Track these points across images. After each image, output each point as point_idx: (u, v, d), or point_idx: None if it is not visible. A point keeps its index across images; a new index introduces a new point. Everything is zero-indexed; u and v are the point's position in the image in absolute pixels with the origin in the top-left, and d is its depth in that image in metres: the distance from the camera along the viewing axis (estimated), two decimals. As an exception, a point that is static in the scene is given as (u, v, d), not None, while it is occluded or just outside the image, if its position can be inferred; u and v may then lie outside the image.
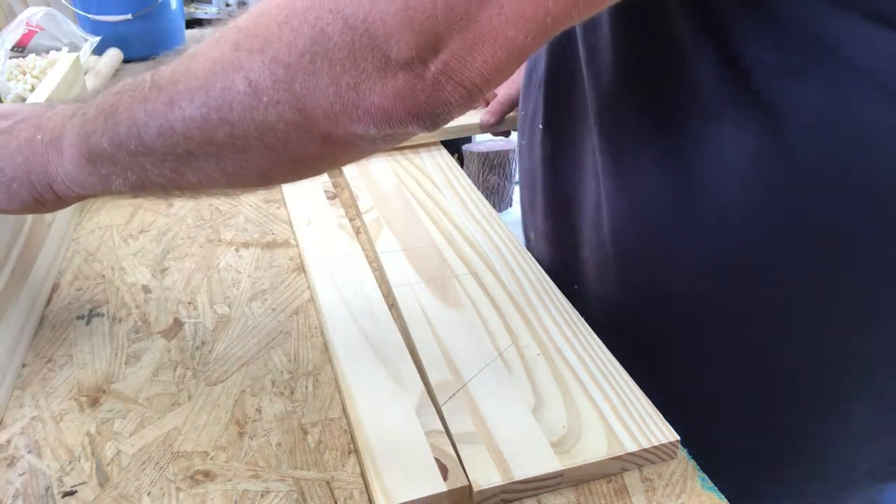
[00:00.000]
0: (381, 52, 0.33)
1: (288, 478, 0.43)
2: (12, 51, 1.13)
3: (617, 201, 0.54)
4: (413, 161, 0.81)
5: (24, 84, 1.04)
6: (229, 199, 0.76)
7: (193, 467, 0.44)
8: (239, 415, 0.48)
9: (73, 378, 0.51)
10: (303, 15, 0.34)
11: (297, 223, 0.69)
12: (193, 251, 0.67)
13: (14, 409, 0.49)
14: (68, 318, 0.58)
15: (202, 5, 2.38)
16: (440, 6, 0.32)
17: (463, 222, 0.68)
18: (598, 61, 0.53)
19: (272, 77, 0.35)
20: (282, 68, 0.34)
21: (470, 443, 0.44)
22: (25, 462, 0.45)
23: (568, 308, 0.56)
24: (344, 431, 0.47)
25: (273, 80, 0.35)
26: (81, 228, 0.71)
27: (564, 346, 0.52)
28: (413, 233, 0.67)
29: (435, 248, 0.64)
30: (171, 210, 0.74)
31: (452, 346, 0.52)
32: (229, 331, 0.56)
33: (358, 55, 0.33)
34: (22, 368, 0.52)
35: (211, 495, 0.42)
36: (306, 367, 0.52)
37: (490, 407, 0.46)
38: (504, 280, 0.60)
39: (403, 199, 0.73)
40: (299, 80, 0.34)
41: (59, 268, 0.63)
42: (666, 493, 0.42)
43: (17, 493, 0.42)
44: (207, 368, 0.52)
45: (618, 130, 0.53)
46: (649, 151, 0.51)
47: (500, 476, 0.41)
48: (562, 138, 0.62)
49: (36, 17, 1.14)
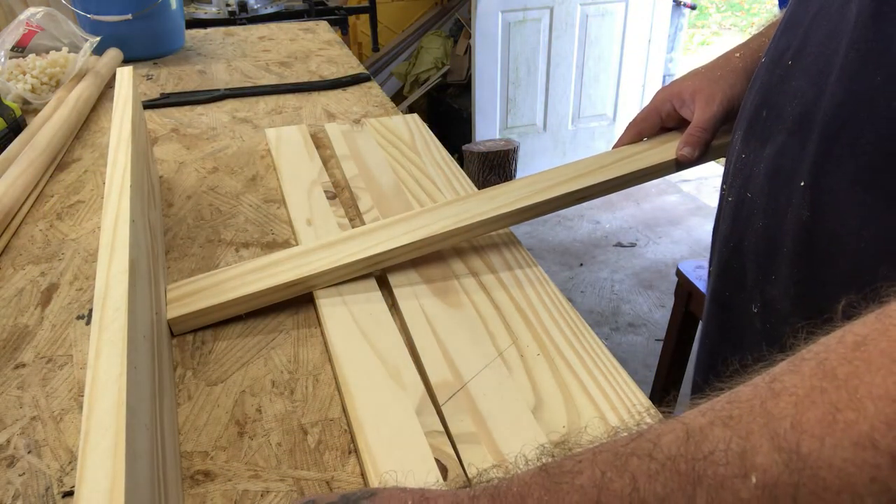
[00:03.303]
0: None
1: (288, 478, 0.43)
2: (12, 51, 1.13)
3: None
4: (413, 161, 0.81)
5: (24, 84, 1.04)
6: (229, 199, 0.76)
7: (193, 467, 0.44)
8: (239, 415, 0.48)
9: (73, 378, 0.51)
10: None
11: (297, 223, 0.69)
12: (193, 251, 0.67)
13: (14, 408, 0.49)
14: (68, 318, 0.58)
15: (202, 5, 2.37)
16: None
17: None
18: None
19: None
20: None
21: (470, 443, 0.44)
22: (25, 462, 0.45)
23: (568, 308, 0.56)
24: (344, 431, 0.47)
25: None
26: (81, 228, 0.71)
27: (564, 346, 0.52)
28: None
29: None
30: (171, 210, 0.74)
31: (452, 346, 0.52)
32: (229, 331, 0.56)
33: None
34: (22, 368, 0.52)
35: (211, 495, 0.42)
36: (306, 367, 0.52)
37: (490, 407, 0.46)
38: (504, 280, 0.60)
39: (403, 199, 0.73)
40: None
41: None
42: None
43: (17, 493, 0.42)
44: (207, 368, 0.52)
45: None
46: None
47: (501, 476, 0.41)
48: (832, 203, 0.44)
49: (36, 17, 1.14)
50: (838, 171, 0.43)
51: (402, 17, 3.37)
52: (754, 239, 0.52)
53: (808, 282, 0.47)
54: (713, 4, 5.19)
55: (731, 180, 0.55)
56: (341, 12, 2.55)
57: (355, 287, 0.59)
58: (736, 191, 0.54)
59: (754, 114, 0.53)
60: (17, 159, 0.80)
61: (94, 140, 0.94)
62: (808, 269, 0.47)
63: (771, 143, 0.50)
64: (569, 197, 0.65)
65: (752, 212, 0.52)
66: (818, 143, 0.45)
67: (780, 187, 0.48)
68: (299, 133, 0.89)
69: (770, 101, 0.51)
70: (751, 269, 0.53)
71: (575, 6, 2.82)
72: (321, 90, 1.12)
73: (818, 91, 0.45)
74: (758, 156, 0.51)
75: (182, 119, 1.00)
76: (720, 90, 0.66)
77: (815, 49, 0.47)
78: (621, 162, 0.68)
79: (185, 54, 1.32)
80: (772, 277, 0.50)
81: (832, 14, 0.46)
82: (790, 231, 0.47)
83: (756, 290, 0.52)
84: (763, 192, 0.50)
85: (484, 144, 2.57)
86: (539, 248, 2.58)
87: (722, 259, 0.57)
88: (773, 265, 0.50)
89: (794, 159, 0.47)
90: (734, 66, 0.66)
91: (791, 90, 0.48)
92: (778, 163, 0.49)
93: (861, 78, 0.42)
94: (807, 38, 0.48)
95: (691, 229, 2.68)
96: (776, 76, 0.50)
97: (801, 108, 0.47)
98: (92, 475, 0.29)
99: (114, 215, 0.49)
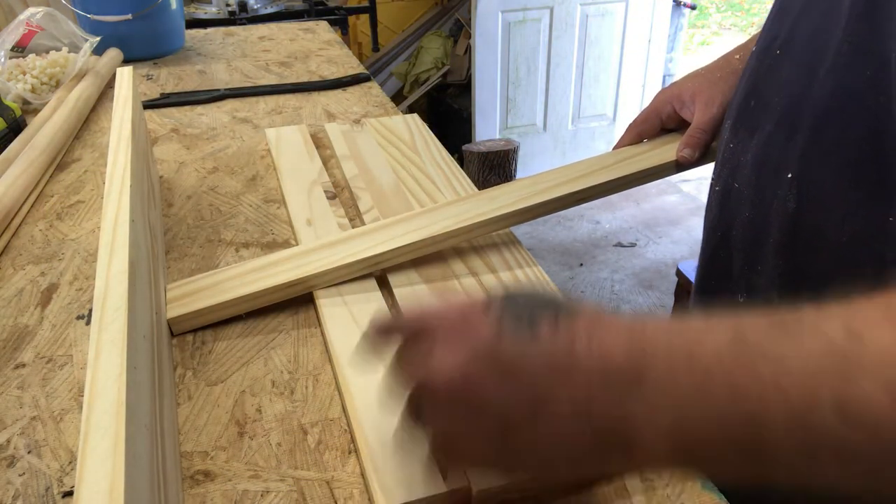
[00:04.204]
0: None
1: (288, 478, 0.43)
2: (12, 51, 1.13)
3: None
4: (413, 161, 0.81)
5: (24, 84, 1.04)
6: (229, 199, 0.76)
7: (193, 467, 0.44)
8: (239, 415, 0.48)
9: (73, 378, 0.51)
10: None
11: (297, 223, 0.69)
12: (193, 251, 0.67)
13: (14, 409, 0.49)
14: (68, 318, 0.58)
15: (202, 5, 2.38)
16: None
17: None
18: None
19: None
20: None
21: (470, 443, 0.43)
22: (25, 462, 0.45)
23: (568, 308, 0.56)
24: (344, 431, 0.47)
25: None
26: (81, 228, 0.71)
27: (564, 346, 0.52)
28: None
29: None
30: (171, 210, 0.74)
31: (452, 347, 0.52)
32: (229, 331, 0.56)
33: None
34: (22, 368, 0.52)
35: (211, 495, 0.42)
36: (306, 367, 0.52)
37: (490, 407, 0.46)
38: (504, 280, 0.60)
39: (403, 199, 0.73)
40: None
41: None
42: (666, 493, 0.42)
43: (17, 493, 0.42)
44: (207, 368, 0.52)
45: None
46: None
47: (500, 476, 0.41)
48: (818, 196, 0.45)
49: (36, 17, 1.14)
50: (825, 163, 0.44)
51: (402, 17, 3.37)
52: (741, 229, 0.52)
53: (793, 273, 0.47)
54: (713, 4, 5.19)
55: (719, 170, 0.55)
56: (341, 12, 2.55)
57: (355, 287, 0.59)
58: (723, 180, 0.54)
59: (743, 103, 0.52)
60: (17, 159, 0.80)
61: (94, 140, 0.94)
62: (792, 260, 0.47)
63: (759, 132, 0.50)
64: (569, 198, 0.65)
65: (740, 202, 0.51)
66: (807, 134, 0.45)
67: (767, 178, 0.48)
68: (299, 133, 0.89)
69: (758, 90, 0.51)
70: (737, 259, 0.53)
71: (575, 6, 2.82)
72: (321, 90, 1.12)
73: (807, 82, 0.45)
74: (745, 145, 0.51)
75: (182, 119, 1.00)
76: (720, 92, 0.66)
77: (804, 40, 0.47)
78: (622, 163, 0.68)
79: (185, 54, 1.32)
80: (757, 268, 0.50)
81: (822, 4, 0.45)
82: (776, 222, 0.47)
83: (742, 280, 0.52)
84: (750, 183, 0.50)
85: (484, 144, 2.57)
86: (539, 248, 2.58)
87: (708, 248, 0.57)
88: (759, 256, 0.50)
89: (780, 150, 0.47)
90: (734, 67, 0.67)
91: (779, 80, 0.48)
92: (765, 153, 0.49)
93: (852, 72, 0.42)
94: (795, 27, 0.48)
95: (691, 229, 2.68)
96: (765, 65, 0.50)
97: (789, 98, 0.47)
98: (92, 475, 0.29)
99: (114, 215, 0.49)
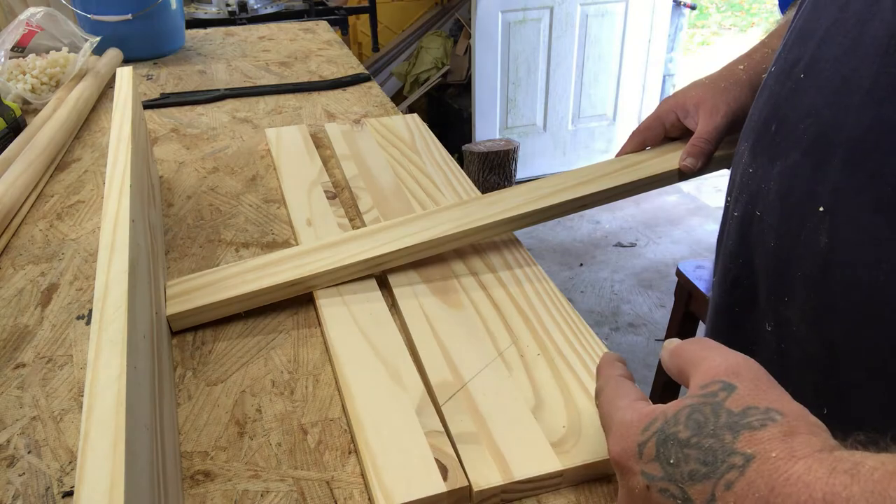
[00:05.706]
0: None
1: (288, 478, 0.43)
2: (12, 51, 1.13)
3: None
4: (413, 161, 0.81)
5: (25, 84, 1.04)
6: (229, 199, 0.76)
7: (193, 467, 0.44)
8: (239, 415, 0.48)
9: (73, 378, 0.51)
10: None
11: (297, 223, 0.69)
12: (193, 251, 0.67)
13: (14, 408, 0.49)
14: (68, 318, 0.58)
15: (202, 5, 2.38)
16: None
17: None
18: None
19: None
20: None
21: (470, 443, 0.44)
22: (25, 462, 0.45)
23: (568, 308, 0.56)
24: (344, 431, 0.47)
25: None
26: (81, 228, 0.71)
27: (564, 346, 0.52)
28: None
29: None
30: (171, 210, 0.74)
31: (452, 346, 0.52)
32: (229, 331, 0.56)
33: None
34: (22, 368, 0.52)
35: (211, 495, 0.42)
36: (306, 367, 0.52)
37: (490, 407, 0.46)
38: (504, 280, 0.60)
39: (403, 199, 0.73)
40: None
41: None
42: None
43: (17, 493, 0.42)
44: (207, 368, 0.52)
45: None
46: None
47: (500, 476, 0.41)
48: (851, 233, 0.43)
49: (36, 17, 1.14)
50: (859, 198, 0.42)
51: (402, 17, 3.37)
52: (765, 258, 0.51)
53: (824, 309, 0.46)
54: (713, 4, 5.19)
55: (736, 193, 0.54)
56: (341, 12, 2.55)
57: (355, 287, 0.59)
58: (742, 206, 0.53)
59: (763, 127, 0.51)
60: (17, 159, 0.80)
61: (94, 140, 0.94)
62: (823, 296, 0.46)
63: (782, 160, 0.48)
64: (571, 204, 0.65)
65: (763, 230, 0.50)
66: (840, 167, 0.43)
67: (793, 208, 0.47)
68: (299, 133, 0.89)
69: (780, 114, 0.49)
70: (763, 288, 0.52)
71: (575, 6, 2.82)
72: (321, 90, 1.12)
73: (837, 111, 0.44)
74: (767, 172, 0.50)
75: (182, 119, 1.00)
76: (724, 102, 0.66)
77: (831, 65, 0.45)
78: (624, 170, 0.68)
79: (185, 54, 1.32)
80: (785, 299, 0.49)
81: (849, 28, 0.44)
82: (805, 255, 0.46)
83: (769, 310, 0.51)
84: (775, 212, 0.49)
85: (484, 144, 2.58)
86: (539, 248, 2.58)
87: (730, 274, 0.56)
88: (786, 287, 0.48)
89: (808, 181, 0.45)
90: (738, 78, 0.66)
91: (803, 105, 0.47)
92: (791, 183, 0.47)
93: (892, 105, 0.40)
94: (820, 50, 0.46)
95: (691, 229, 2.69)
96: (787, 88, 0.49)
97: (816, 127, 0.45)
98: (92, 475, 0.29)
99: (114, 215, 0.49)
